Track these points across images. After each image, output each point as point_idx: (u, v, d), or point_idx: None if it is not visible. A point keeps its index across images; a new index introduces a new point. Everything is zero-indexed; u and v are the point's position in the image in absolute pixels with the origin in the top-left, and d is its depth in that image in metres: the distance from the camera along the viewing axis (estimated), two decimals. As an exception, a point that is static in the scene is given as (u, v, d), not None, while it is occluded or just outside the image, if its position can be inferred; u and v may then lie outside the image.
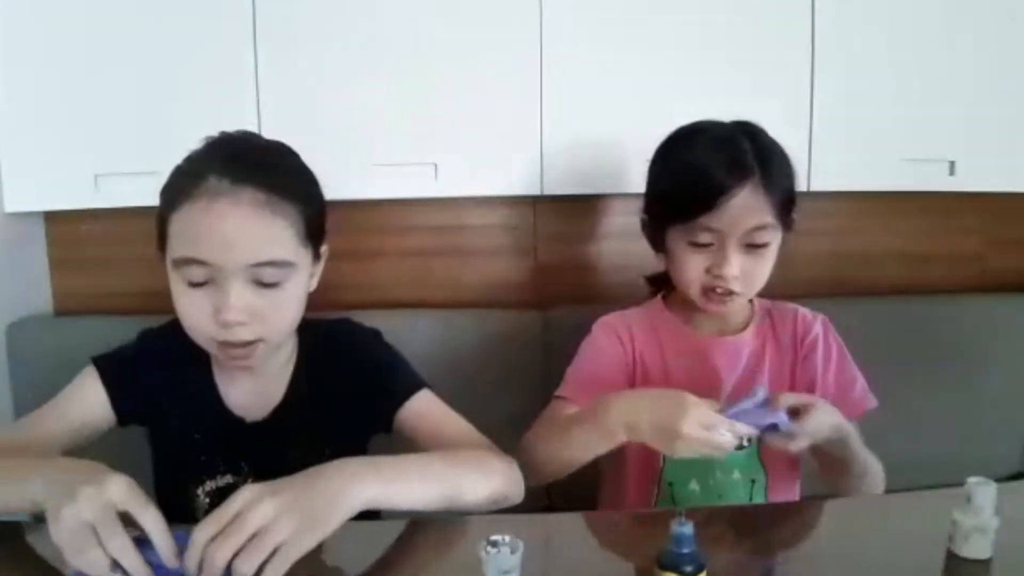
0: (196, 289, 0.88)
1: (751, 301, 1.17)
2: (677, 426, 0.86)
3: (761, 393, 0.94)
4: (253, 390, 1.01)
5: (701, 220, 1.02)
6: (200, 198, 0.86)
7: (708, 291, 1.06)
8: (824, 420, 0.95)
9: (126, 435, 1.02)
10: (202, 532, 0.67)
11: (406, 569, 0.78)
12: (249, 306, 0.87)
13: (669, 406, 0.89)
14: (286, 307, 0.92)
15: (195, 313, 0.89)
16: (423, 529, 0.84)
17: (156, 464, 1.04)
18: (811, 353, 1.14)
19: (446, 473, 0.84)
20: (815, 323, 1.16)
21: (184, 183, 0.88)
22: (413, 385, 1.00)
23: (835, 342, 1.15)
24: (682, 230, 1.05)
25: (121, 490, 0.67)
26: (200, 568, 0.66)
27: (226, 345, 0.90)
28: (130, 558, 0.66)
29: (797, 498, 1.15)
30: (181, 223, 0.87)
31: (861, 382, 1.14)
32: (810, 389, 1.12)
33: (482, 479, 0.86)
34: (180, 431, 1.00)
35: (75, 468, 0.73)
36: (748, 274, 1.04)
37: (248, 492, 0.69)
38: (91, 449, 0.95)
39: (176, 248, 0.88)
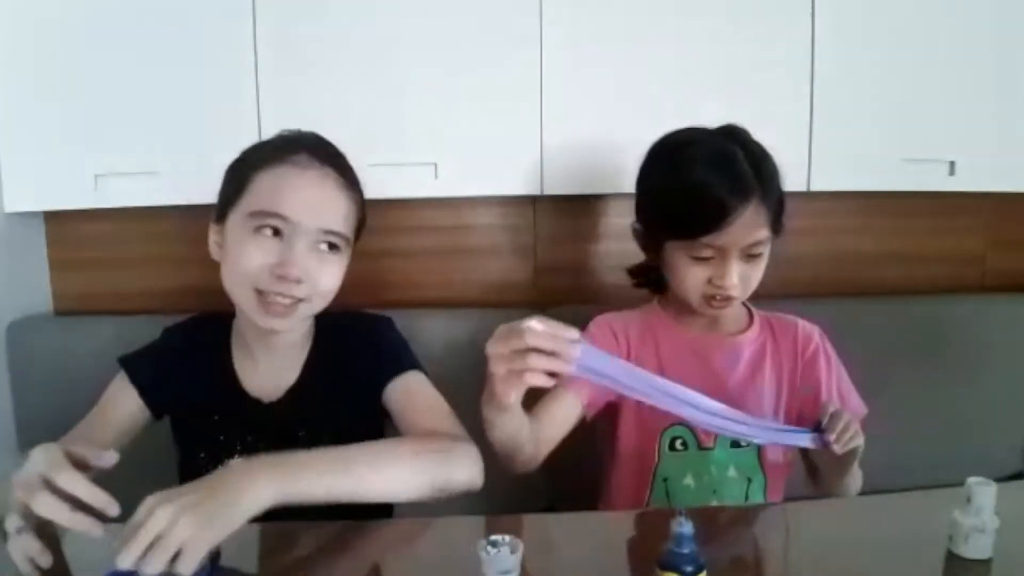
0: (262, 239, 0.95)
1: (746, 305, 1.18)
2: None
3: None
4: (269, 372, 1.06)
5: (703, 239, 1.03)
6: (293, 164, 0.97)
7: (708, 299, 1.08)
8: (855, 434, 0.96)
9: (156, 429, 1.08)
10: (120, 555, 0.68)
11: (406, 569, 0.78)
12: (308, 265, 0.96)
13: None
14: (332, 276, 1.00)
15: (256, 259, 0.94)
16: (423, 529, 0.85)
17: (180, 453, 1.09)
18: (813, 363, 1.15)
19: (362, 467, 0.84)
20: (814, 334, 1.17)
21: (277, 150, 0.98)
22: (405, 364, 1.04)
23: (832, 352, 1.17)
24: (682, 246, 1.06)
25: (39, 460, 0.73)
26: None
27: (271, 297, 0.95)
28: (54, 511, 0.70)
29: (782, 498, 1.16)
30: (269, 180, 0.96)
31: (855, 391, 1.17)
32: (815, 398, 1.14)
33: (416, 470, 0.86)
34: (201, 415, 1.05)
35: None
36: (745, 279, 1.07)
37: (149, 501, 0.71)
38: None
39: (257, 201, 0.95)
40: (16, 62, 1.34)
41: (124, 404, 1.04)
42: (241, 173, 0.99)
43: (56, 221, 1.58)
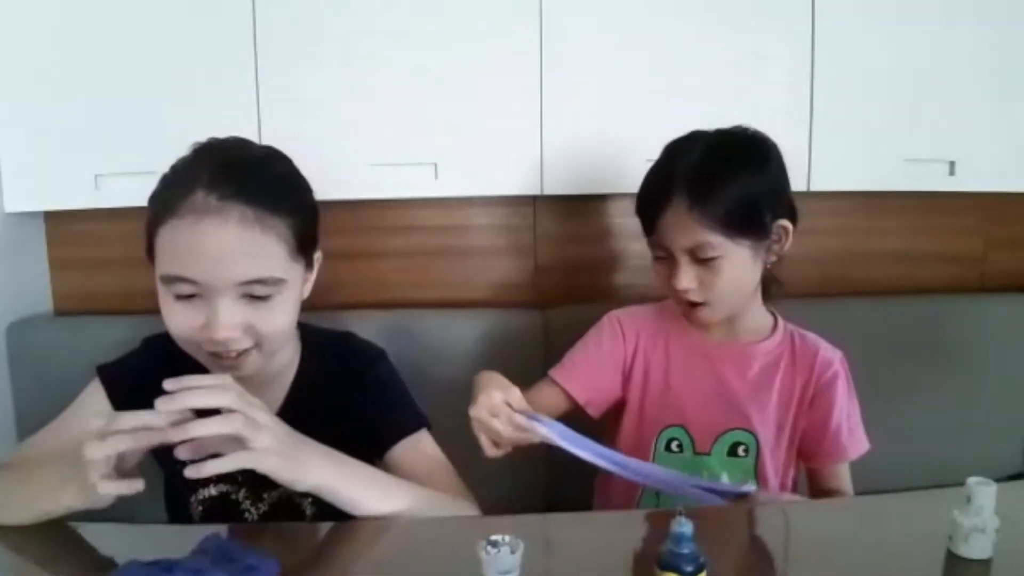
0: (184, 302, 0.85)
1: (773, 315, 1.16)
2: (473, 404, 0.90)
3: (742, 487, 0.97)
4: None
5: (650, 237, 1.07)
6: (187, 215, 0.83)
7: (679, 301, 1.08)
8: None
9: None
10: (195, 379, 0.74)
11: (406, 569, 0.78)
12: (239, 322, 0.86)
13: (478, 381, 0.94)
14: (277, 319, 0.89)
15: (183, 325, 0.86)
16: (423, 529, 0.84)
17: (163, 469, 1.03)
18: (829, 389, 1.11)
19: (406, 500, 0.86)
20: (835, 360, 1.13)
21: (171, 197, 0.85)
22: (412, 424, 0.99)
23: (851, 382, 1.13)
24: (649, 241, 1.09)
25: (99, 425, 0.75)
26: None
27: (216, 355, 0.88)
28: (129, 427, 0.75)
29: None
30: (168, 239, 0.84)
31: (861, 427, 1.13)
32: (824, 423, 1.10)
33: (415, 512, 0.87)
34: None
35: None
36: (706, 285, 1.03)
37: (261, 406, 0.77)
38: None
39: (163, 264, 0.85)
40: (16, 62, 1.34)
41: (92, 412, 0.95)
42: (149, 225, 0.87)
43: (56, 221, 1.58)
